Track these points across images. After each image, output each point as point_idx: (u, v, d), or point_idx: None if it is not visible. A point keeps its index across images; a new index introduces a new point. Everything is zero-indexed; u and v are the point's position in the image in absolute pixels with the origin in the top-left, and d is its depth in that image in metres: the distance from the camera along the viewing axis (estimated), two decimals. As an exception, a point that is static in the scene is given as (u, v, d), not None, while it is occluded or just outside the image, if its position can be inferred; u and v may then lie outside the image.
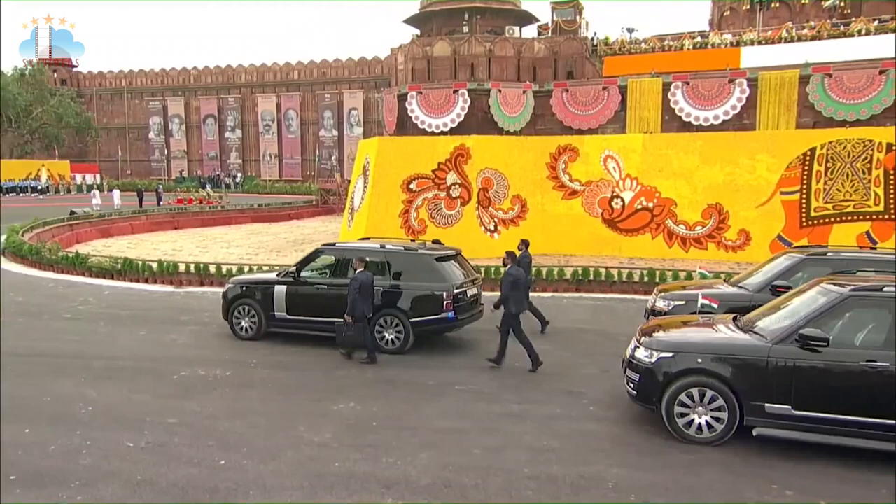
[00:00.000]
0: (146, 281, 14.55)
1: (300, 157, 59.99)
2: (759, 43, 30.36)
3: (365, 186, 22.66)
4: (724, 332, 6.08)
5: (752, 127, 25.22)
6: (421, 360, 8.46)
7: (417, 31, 39.15)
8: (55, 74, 61.66)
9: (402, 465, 5.21)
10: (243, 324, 9.70)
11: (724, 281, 9.59)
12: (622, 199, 19.18)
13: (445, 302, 8.74)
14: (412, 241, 10.32)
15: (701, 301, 7.96)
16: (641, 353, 6.09)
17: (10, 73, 56.68)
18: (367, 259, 8.84)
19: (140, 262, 14.93)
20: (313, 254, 9.76)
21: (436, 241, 10.23)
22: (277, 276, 9.82)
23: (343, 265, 9.30)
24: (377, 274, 8.98)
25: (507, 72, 21.80)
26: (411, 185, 20.22)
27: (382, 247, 9.39)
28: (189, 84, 64.04)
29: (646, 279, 13.90)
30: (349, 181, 41.75)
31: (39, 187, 48.06)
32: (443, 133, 21.29)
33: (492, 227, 19.96)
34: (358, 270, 8.64)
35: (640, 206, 18.95)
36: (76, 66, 68.23)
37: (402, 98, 22.33)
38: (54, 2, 54.11)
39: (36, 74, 57.76)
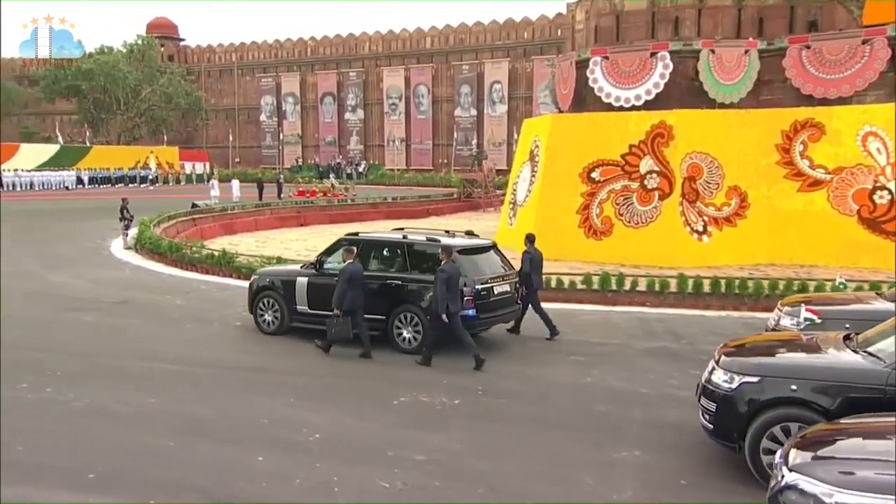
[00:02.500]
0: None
1: (431, 141, 61.52)
2: None
3: (533, 175, 22.62)
4: (829, 354, 5.88)
5: None
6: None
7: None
8: (162, 49, 67.66)
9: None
10: (266, 317, 10.96)
11: (878, 294, 9.10)
12: (890, 192, 17.58)
13: (465, 298, 9.41)
14: (446, 232, 11.15)
15: (803, 314, 8.03)
16: (719, 377, 5.95)
17: (118, 50, 62.99)
18: (386, 251, 9.98)
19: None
20: (336, 244, 10.81)
21: (469, 233, 11.22)
22: (301, 267, 11.13)
23: (366, 256, 10.34)
24: (398, 267, 10.16)
25: (724, 26, 20.74)
26: (593, 174, 19.88)
27: (404, 237, 10.49)
28: (305, 57, 67.88)
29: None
30: (494, 170, 42.39)
31: (150, 177, 53.11)
32: (635, 108, 20.73)
33: (700, 228, 19.12)
34: (347, 262, 9.66)
35: (918, 202, 17.32)
36: (184, 40, 74.78)
37: (582, 65, 21.97)
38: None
39: (145, 50, 63.73)
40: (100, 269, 17.34)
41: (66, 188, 48.52)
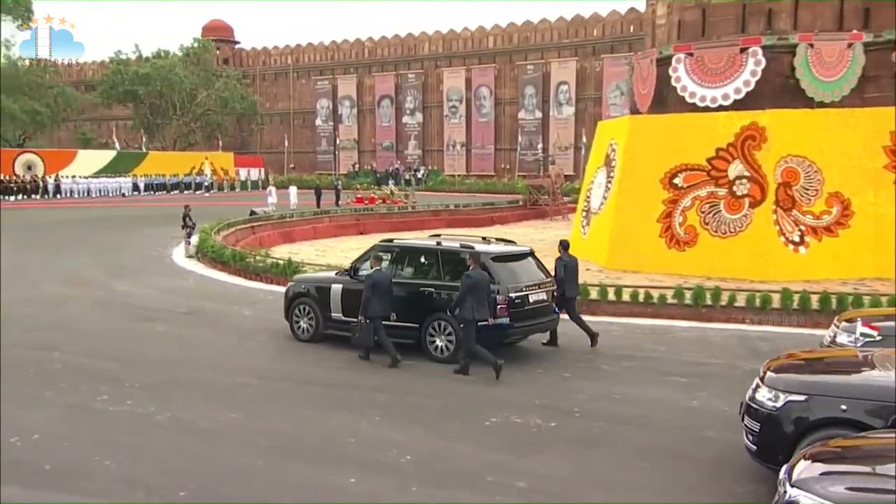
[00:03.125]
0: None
1: (493, 145, 61.53)
2: None
3: (609, 181, 22.29)
4: (885, 372, 5.74)
5: None
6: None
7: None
8: (217, 52, 69.61)
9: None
10: (302, 324, 11.48)
11: None
12: None
13: (499, 306, 9.80)
14: (483, 239, 11.47)
15: (860, 329, 7.99)
16: (764, 395, 5.93)
17: (174, 54, 65.07)
18: (423, 258, 10.39)
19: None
20: (369, 250, 11.32)
21: (505, 240, 11.68)
22: (336, 274, 11.70)
23: (400, 263, 10.90)
24: (432, 274, 10.57)
25: (824, 18, 20.07)
26: (676, 180, 19.49)
27: (438, 243, 10.86)
28: (363, 59, 68.84)
29: None
30: (563, 175, 42.10)
31: (206, 183, 54.55)
32: (722, 108, 20.28)
33: (796, 238, 18.52)
34: (374, 268, 10.31)
35: None
36: (239, 43, 76.73)
37: (663, 63, 21.60)
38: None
39: (201, 53, 65.68)
40: (164, 278, 17.81)
41: (123, 195, 50.19)
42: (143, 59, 63.28)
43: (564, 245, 11.85)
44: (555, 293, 10.92)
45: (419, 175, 58.67)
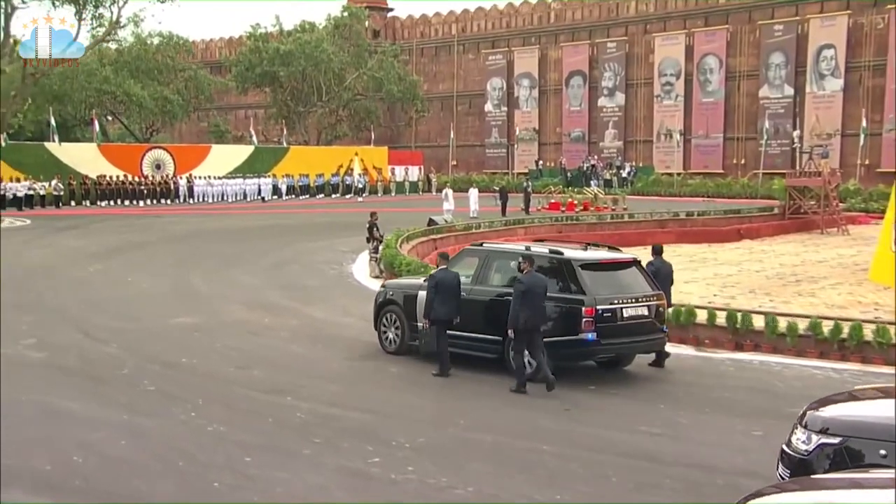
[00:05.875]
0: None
1: (721, 133, 59.71)
2: None
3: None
4: None
5: None
6: None
7: None
8: (367, 23, 71.63)
9: None
10: (389, 335, 13.28)
11: None
12: None
13: (584, 319, 11.16)
14: (586, 245, 13.06)
15: None
16: (798, 438, 6.49)
17: (321, 27, 67.63)
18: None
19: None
20: (460, 254, 13.40)
21: (610, 248, 13.23)
22: (423, 280, 13.06)
23: (488, 269, 12.51)
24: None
25: None
26: None
27: (527, 248, 12.34)
28: (547, 25, 68.96)
29: None
30: (838, 174, 39.71)
31: (360, 185, 56.24)
32: None
33: None
34: (439, 267, 12.32)
35: None
36: (392, 10, 78.91)
37: None
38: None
39: (351, 24, 67.71)
40: (357, 302, 18.13)
41: (263, 199, 52.66)
42: (284, 33, 66.25)
43: (657, 249, 13.42)
44: (659, 308, 12.03)
45: (624, 174, 57.66)
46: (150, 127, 66.79)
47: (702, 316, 14.30)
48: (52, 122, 50.34)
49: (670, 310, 13.58)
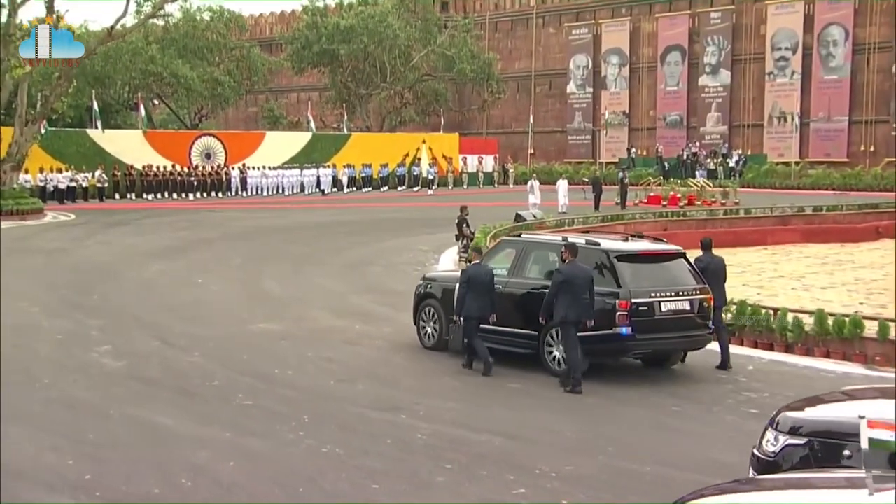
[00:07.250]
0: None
1: (846, 115, 58.48)
2: None
3: None
4: None
5: None
6: None
7: None
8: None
9: None
10: (428, 329, 14.12)
11: None
12: None
13: (618, 313, 11.83)
14: (628, 236, 13.97)
15: None
16: (767, 440, 6.94)
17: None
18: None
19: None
20: (497, 246, 14.50)
21: (658, 239, 14.28)
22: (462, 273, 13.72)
23: (525, 261, 13.31)
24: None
25: None
26: None
27: (564, 239, 12.90)
28: (640, -6, 68.12)
29: None
30: None
31: (431, 177, 56.17)
32: None
33: None
34: (473, 262, 13.16)
35: None
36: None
37: None
38: None
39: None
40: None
41: (322, 192, 52.98)
42: (344, 6, 66.55)
43: (705, 244, 13.85)
44: (703, 303, 12.52)
45: (731, 163, 56.65)
46: (198, 112, 67.63)
47: (871, 328, 13.76)
48: (95, 106, 51.26)
49: (810, 318, 14.17)
